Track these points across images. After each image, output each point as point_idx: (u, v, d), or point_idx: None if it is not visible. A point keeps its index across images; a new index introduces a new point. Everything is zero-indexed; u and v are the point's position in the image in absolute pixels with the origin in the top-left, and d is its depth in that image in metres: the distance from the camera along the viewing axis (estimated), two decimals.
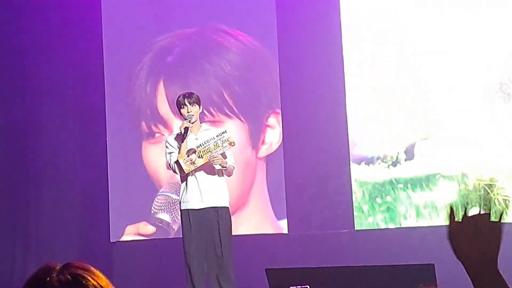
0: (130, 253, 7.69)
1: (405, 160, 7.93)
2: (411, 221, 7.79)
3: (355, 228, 7.74)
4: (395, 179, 7.91)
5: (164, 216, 7.66)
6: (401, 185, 7.88)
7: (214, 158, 5.55)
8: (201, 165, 5.57)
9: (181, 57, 7.79)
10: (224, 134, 5.63)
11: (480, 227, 1.47)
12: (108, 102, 7.82)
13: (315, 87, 7.81)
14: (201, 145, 5.57)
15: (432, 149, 7.97)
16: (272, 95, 7.68)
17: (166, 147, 5.76)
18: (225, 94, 7.52)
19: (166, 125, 7.68)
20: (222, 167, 5.62)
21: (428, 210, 7.86)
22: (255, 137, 7.55)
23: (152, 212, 7.68)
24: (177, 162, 5.58)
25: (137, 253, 7.70)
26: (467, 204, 1.50)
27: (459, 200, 7.83)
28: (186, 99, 5.67)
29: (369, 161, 7.86)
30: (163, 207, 7.67)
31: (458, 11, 7.99)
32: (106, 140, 7.76)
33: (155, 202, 7.68)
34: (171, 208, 7.64)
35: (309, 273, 5.63)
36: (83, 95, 7.80)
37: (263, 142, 7.61)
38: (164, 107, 7.71)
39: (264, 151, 7.55)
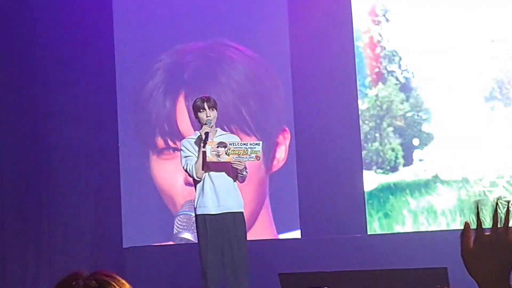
0: (143, 259, 7.70)
1: (404, 165, 7.89)
2: (407, 227, 7.75)
3: (368, 233, 7.74)
4: (394, 184, 7.87)
5: (187, 235, 7.65)
6: (399, 191, 7.84)
7: (237, 162, 5.49)
8: (222, 162, 5.50)
9: (197, 72, 7.78)
10: (257, 146, 5.55)
11: (494, 246, 1.48)
12: (120, 112, 7.84)
13: (328, 94, 7.84)
14: (234, 144, 5.52)
15: (431, 154, 7.92)
16: (283, 113, 7.71)
17: (182, 150, 5.68)
18: (243, 111, 7.51)
19: None
20: (239, 173, 5.58)
21: (426, 216, 7.81)
22: (267, 154, 7.52)
23: (175, 232, 7.67)
24: (204, 153, 5.47)
25: (150, 259, 7.70)
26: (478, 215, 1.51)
27: (458, 206, 7.80)
28: (205, 103, 5.58)
29: (368, 167, 7.84)
30: (186, 226, 7.65)
31: (458, 12, 7.95)
32: (118, 146, 7.79)
33: (177, 222, 7.66)
34: (194, 226, 7.63)
35: (323, 277, 5.63)
36: (95, 103, 7.83)
37: (273, 159, 7.63)
38: (184, 123, 7.69)
39: (273, 168, 7.58)
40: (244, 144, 5.57)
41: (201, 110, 5.59)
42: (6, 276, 7.41)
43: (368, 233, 7.75)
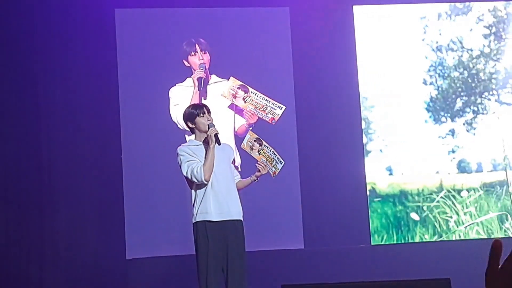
0: (146, 271, 7.70)
1: None
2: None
3: (372, 243, 7.74)
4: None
5: None
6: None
7: (263, 164, 5.59)
8: (252, 155, 5.66)
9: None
10: (280, 163, 5.65)
11: None
12: (123, 122, 7.85)
13: (331, 105, 7.86)
14: (268, 147, 5.64)
15: (368, 165, 7.85)
16: None
17: (182, 155, 5.39)
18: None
19: None
20: (256, 177, 5.63)
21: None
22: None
23: None
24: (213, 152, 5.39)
25: (153, 271, 7.70)
26: None
27: (394, 222, 7.74)
28: (204, 108, 5.44)
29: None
30: None
31: (403, 20, 7.90)
32: (121, 157, 7.80)
33: None
34: None
35: None
36: (98, 113, 7.84)
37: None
38: None
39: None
40: (274, 154, 5.62)
41: (201, 115, 5.41)
42: (9, 287, 7.42)
43: (372, 243, 7.74)
